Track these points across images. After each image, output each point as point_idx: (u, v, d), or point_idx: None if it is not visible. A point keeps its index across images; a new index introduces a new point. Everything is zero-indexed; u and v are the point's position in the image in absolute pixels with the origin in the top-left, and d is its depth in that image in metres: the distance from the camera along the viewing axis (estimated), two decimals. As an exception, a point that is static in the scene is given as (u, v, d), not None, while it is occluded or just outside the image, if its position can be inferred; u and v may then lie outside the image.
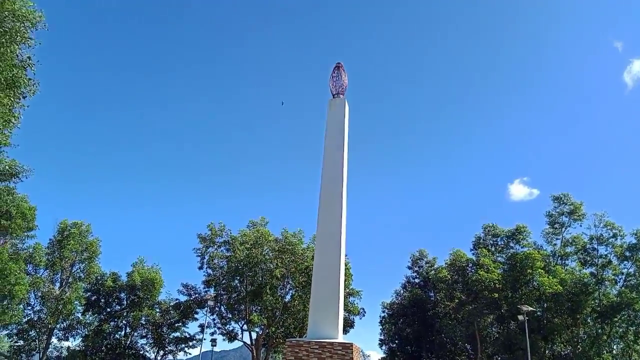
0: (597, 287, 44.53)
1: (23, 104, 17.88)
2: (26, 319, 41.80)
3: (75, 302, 43.37)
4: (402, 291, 57.25)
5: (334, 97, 24.73)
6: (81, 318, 45.19)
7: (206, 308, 41.17)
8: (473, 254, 50.43)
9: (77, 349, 44.45)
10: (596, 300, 44.13)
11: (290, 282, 42.00)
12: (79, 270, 44.33)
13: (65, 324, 44.30)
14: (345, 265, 42.03)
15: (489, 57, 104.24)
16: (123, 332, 45.84)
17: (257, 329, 41.86)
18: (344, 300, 43.03)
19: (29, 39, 14.88)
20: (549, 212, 49.34)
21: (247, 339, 41.98)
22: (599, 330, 44.96)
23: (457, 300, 48.90)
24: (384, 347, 55.08)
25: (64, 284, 43.33)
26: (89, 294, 46.54)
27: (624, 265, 45.44)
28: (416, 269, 57.30)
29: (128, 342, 45.34)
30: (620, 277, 45.67)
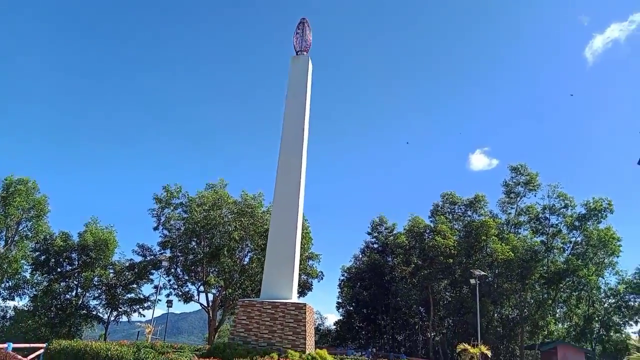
0: (546, 254, 46.39)
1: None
2: (-32, 278, 39.88)
3: (22, 261, 41.53)
4: (361, 256, 58.02)
5: (297, 54, 23.78)
6: (29, 278, 43.41)
7: (161, 269, 40.34)
8: (431, 221, 51.37)
9: (25, 309, 42.89)
10: (544, 267, 46.02)
11: (249, 244, 41.51)
12: (25, 229, 42.24)
13: (10, 284, 42.46)
14: (305, 228, 41.83)
15: (455, 25, 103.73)
16: (74, 293, 44.46)
17: (213, 291, 41.47)
18: (303, 264, 43.26)
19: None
20: (506, 181, 50.62)
21: (203, 301, 41.58)
22: (545, 295, 47.14)
23: (413, 265, 50.02)
24: (341, 310, 56.13)
25: (9, 242, 41.28)
26: (37, 253, 44.61)
27: (573, 234, 47.38)
28: (375, 234, 57.99)
29: (80, 302, 44.07)
30: (568, 245, 47.68)
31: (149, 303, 44.51)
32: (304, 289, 44.51)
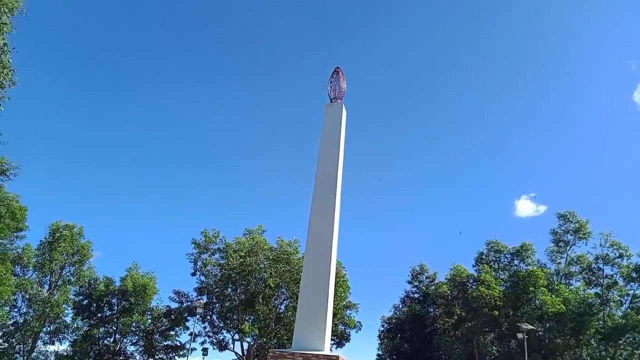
0: (601, 307, 43.15)
1: (3, 95, 17.07)
2: (11, 322, 40.82)
3: (64, 306, 42.37)
4: (401, 306, 55.96)
5: (331, 102, 23.94)
6: (69, 322, 44.12)
7: (197, 316, 40.09)
8: (475, 270, 49.26)
9: (65, 353, 43.33)
10: (600, 322, 42.70)
11: (284, 292, 40.88)
12: (68, 274, 43.34)
13: (52, 328, 43.21)
14: (342, 276, 40.93)
15: (496, 69, 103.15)
16: (112, 338, 44.74)
17: (248, 339, 40.65)
18: (340, 313, 42.03)
19: (3, 24, 14.16)
20: (554, 229, 48.21)
21: (238, 349, 40.78)
22: (603, 353, 43.44)
23: (456, 317, 47.63)
24: (381, 363, 53.64)
25: (52, 286, 42.35)
26: (80, 297, 45.54)
27: (630, 286, 44.10)
28: (416, 283, 56.05)
29: (117, 348, 44.20)
30: (626, 298, 44.30)
31: (185, 350, 44.09)
32: (341, 339, 43.04)
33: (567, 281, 47.65)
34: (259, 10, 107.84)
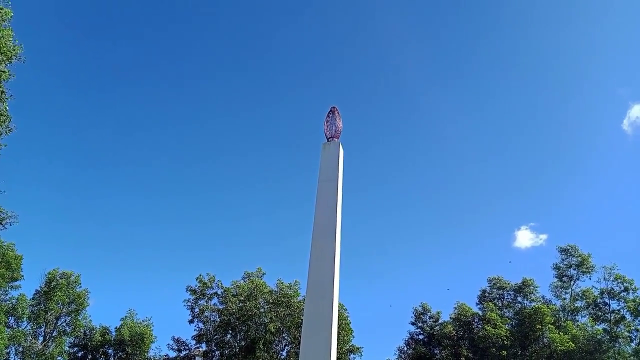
0: (611, 344, 42.14)
1: (0, 143, 17.19)
2: (4, 377, 39.40)
3: (59, 358, 41.00)
4: (405, 348, 54.35)
5: (328, 141, 24.12)
6: (64, 376, 42.64)
7: (196, 365, 38.90)
8: (479, 308, 48.38)
9: (59, 410, 41.63)
10: (611, 359, 41.57)
11: (285, 337, 39.85)
12: (64, 324, 42.19)
13: (46, 382, 41.66)
14: (344, 319, 40.00)
15: (492, 100, 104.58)
16: (108, 392, 43.20)
17: (249, 389, 39.24)
18: (344, 357, 40.83)
19: (2, 72, 14.42)
20: (556, 264, 47.83)
21: (239, 400, 39.30)
22: (616, 392, 42.06)
23: (463, 358, 46.25)
24: (387, 410, 51.61)
25: (47, 338, 41.15)
26: (75, 349, 44.26)
27: (639, 321, 43.23)
28: (420, 324, 54.63)
29: (113, 402, 42.62)
30: (635, 334, 43.35)
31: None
32: (346, 385, 41.65)
33: (574, 317, 46.77)
34: (256, 48, 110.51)
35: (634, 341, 42.95)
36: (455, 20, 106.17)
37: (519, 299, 48.90)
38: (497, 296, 50.04)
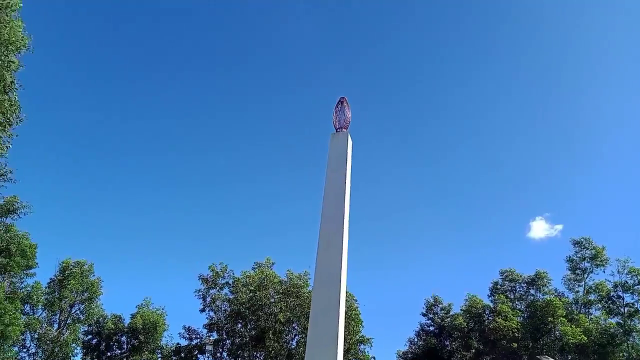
0: (625, 338, 41.66)
1: (11, 133, 17.38)
2: (20, 362, 40.33)
3: (73, 345, 41.80)
4: (416, 339, 54.40)
5: (337, 132, 24.00)
6: (79, 362, 43.44)
7: (207, 354, 39.36)
8: (490, 300, 48.14)
9: (74, 395, 42.54)
10: (625, 353, 41.13)
11: (295, 327, 40.09)
12: (78, 312, 42.97)
13: (60, 368, 42.52)
14: (354, 309, 40.09)
15: (506, 91, 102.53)
16: (122, 378, 43.93)
17: (259, 378, 39.66)
18: (354, 348, 40.99)
19: (11, 62, 14.56)
20: (570, 257, 47.25)
21: (249, 388, 39.75)
22: (629, 386, 41.63)
23: (473, 350, 46.18)
24: (398, 400, 51.78)
25: (61, 325, 41.95)
26: (89, 336, 45.04)
27: (653, 314, 42.63)
28: (431, 315, 54.57)
29: (127, 388, 43.36)
30: (649, 327, 42.74)
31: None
32: (356, 375, 41.82)
33: (587, 310, 46.26)
34: (266, 38, 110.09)
35: (648, 335, 42.38)
36: (466, 11, 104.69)
37: (532, 291, 48.55)
38: (509, 288, 49.71)
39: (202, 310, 41.32)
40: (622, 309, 43.40)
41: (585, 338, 39.41)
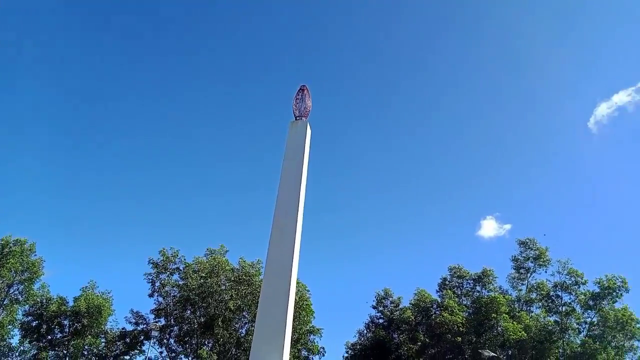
0: (561, 335, 43.71)
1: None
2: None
3: (9, 327, 39.88)
4: (365, 331, 55.19)
5: (296, 119, 23.78)
6: (15, 345, 41.52)
7: (153, 339, 38.48)
8: (439, 295, 49.36)
9: (9, 379, 40.74)
10: (560, 349, 43.17)
11: (246, 315, 39.78)
12: (17, 292, 40.99)
13: (-5, 351, 40.67)
14: (305, 299, 40.19)
15: (461, 89, 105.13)
16: (62, 363, 42.35)
17: (206, 365, 39.11)
18: (304, 338, 41.11)
19: None
20: (515, 256, 49.05)
21: (195, 376, 39.15)
22: (562, 381, 43.81)
23: (419, 343, 47.29)
24: (344, 390, 52.41)
25: (-2, 305, 40.02)
26: (29, 318, 43.13)
27: (588, 314, 44.93)
28: (381, 308, 55.50)
29: (67, 373, 41.86)
30: (583, 326, 45.03)
31: (139, 376, 42.14)
32: (305, 365, 42.02)
33: (528, 308, 48.20)
34: (228, 25, 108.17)
35: (582, 333, 44.64)
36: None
37: (478, 288, 50.08)
38: (457, 284, 51.12)
39: (151, 295, 40.35)
40: (560, 308, 45.46)
41: (525, 334, 41.04)
